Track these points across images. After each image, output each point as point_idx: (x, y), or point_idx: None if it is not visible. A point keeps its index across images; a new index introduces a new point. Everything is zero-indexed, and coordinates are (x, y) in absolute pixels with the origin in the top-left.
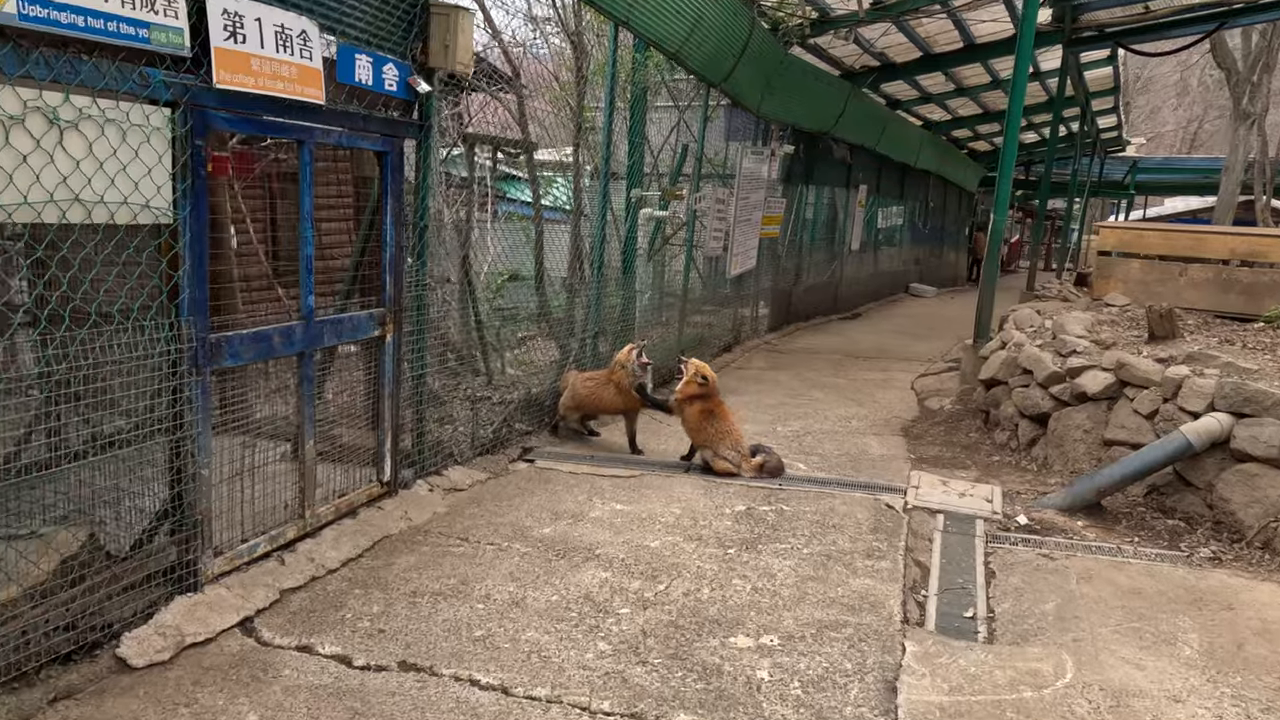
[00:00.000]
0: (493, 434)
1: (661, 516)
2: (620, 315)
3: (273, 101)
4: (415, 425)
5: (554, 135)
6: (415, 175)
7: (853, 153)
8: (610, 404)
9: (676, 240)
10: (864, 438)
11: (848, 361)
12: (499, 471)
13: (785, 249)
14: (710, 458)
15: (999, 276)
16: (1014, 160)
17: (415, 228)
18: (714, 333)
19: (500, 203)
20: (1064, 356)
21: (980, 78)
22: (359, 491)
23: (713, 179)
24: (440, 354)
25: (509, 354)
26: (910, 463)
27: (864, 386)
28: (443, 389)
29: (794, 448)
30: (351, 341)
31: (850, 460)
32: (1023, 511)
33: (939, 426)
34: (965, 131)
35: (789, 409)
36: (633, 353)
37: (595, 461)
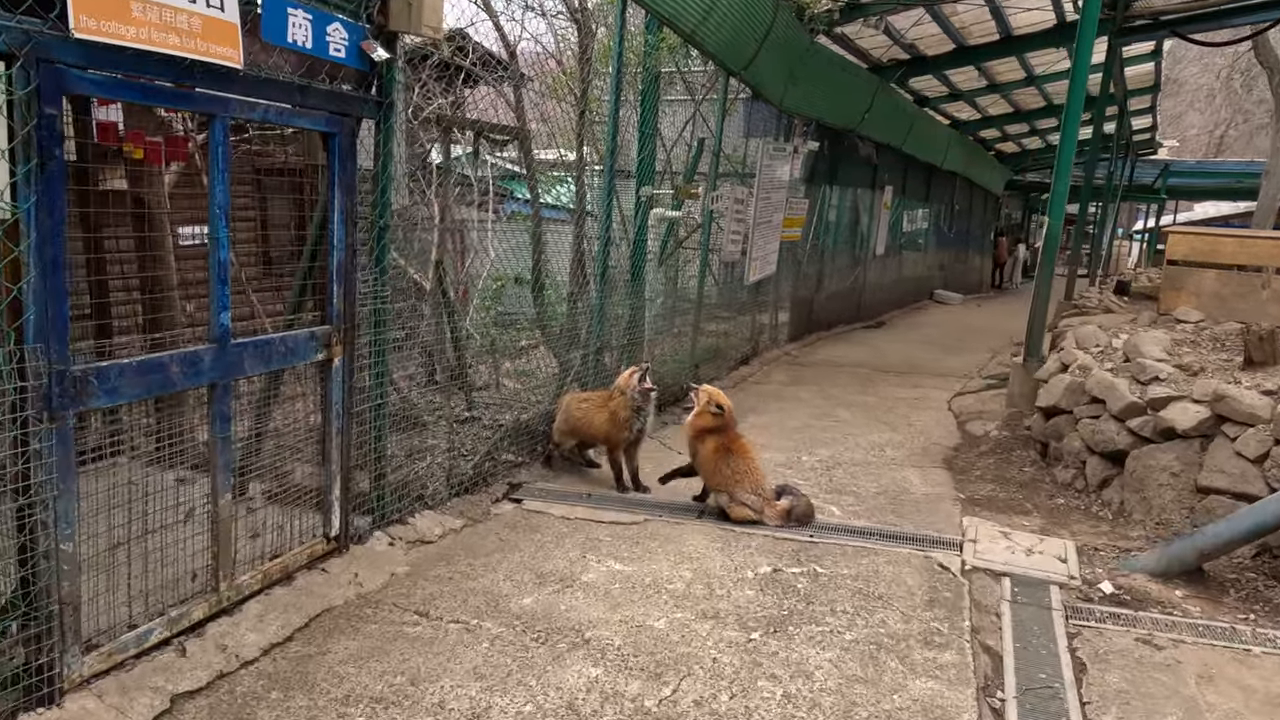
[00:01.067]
0: (473, 469)
1: (669, 582)
2: (628, 326)
3: (166, 62)
4: (374, 465)
5: (555, 125)
6: (375, 164)
7: (878, 152)
8: (601, 433)
9: (691, 243)
10: (902, 470)
11: (876, 376)
12: (478, 516)
13: (807, 253)
14: (727, 503)
15: (1022, 283)
16: (1071, 158)
17: (374, 227)
18: (730, 343)
19: (507, 201)
20: (1143, 384)
21: (1014, 73)
22: (298, 551)
23: (731, 178)
24: (414, 375)
25: (503, 369)
26: (960, 505)
27: (896, 406)
28: (414, 417)
29: (823, 484)
30: (286, 368)
31: (890, 501)
32: (1106, 576)
33: (987, 458)
34: (993, 132)
35: (815, 433)
36: (633, 377)
37: (593, 502)
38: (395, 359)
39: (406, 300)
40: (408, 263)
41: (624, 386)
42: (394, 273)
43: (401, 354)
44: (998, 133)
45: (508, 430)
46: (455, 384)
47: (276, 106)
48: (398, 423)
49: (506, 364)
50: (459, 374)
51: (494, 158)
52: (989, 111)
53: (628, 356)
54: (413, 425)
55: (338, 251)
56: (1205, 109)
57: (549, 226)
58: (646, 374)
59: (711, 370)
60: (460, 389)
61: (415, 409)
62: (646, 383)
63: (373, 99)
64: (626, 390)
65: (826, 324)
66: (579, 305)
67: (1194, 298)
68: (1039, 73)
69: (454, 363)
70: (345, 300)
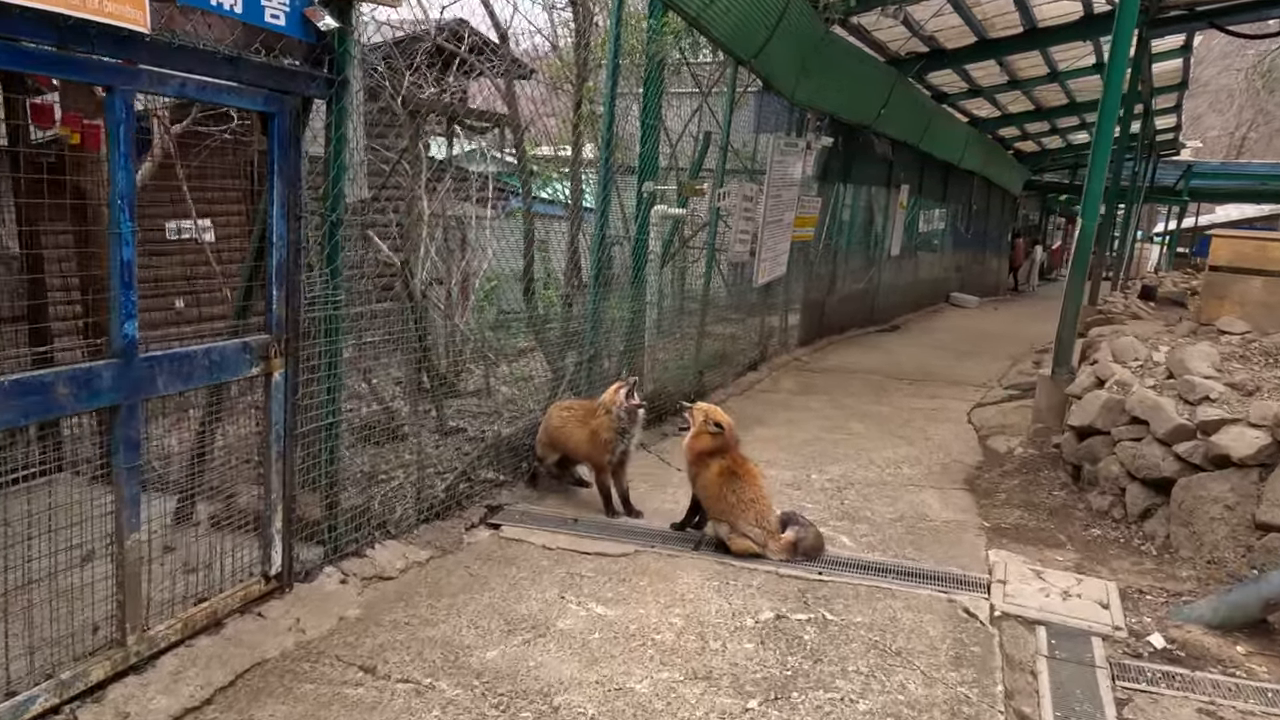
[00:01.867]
0: (445, 491)
1: (657, 630)
2: (628, 331)
3: (43, 20)
4: (326, 490)
5: (557, 117)
6: (326, 150)
7: (895, 149)
8: (582, 451)
9: (696, 243)
10: (921, 492)
11: (890, 384)
12: (449, 546)
13: (819, 254)
14: (727, 534)
15: (1039, 285)
16: (1107, 155)
17: (325, 222)
18: (738, 347)
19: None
20: (1192, 404)
21: (1036, 69)
22: (230, 593)
23: (740, 175)
24: (377, 386)
25: (497, 375)
26: (985, 534)
27: (912, 418)
28: (390, 431)
29: (834, 508)
30: (210, 385)
31: (907, 529)
32: (1156, 627)
33: (1012, 478)
34: (1012, 130)
35: (825, 447)
36: (619, 392)
37: (579, 529)
38: (366, 368)
39: (368, 303)
40: (379, 258)
41: (609, 403)
42: (356, 273)
43: (365, 363)
44: (1017, 131)
45: (489, 446)
46: (428, 395)
47: (198, 80)
48: (369, 438)
49: (503, 368)
50: (433, 384)
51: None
52: (1009, 109)
53: (628, 362)
54: (385, 441)
55: (278, 250)
56: (1225, 110)
57: (552, 225)
58: (634, 389)
59: (717, 377)
60: (432, 400)
61: (383, 424)
62: (634, 399)
63: (322, 76)
64: (611, 407)
65: (839, 327)
66: (574, 308)
67: (1238, 306)
68: (1063, 68)
69: (420, 372)
70: (287, 305)
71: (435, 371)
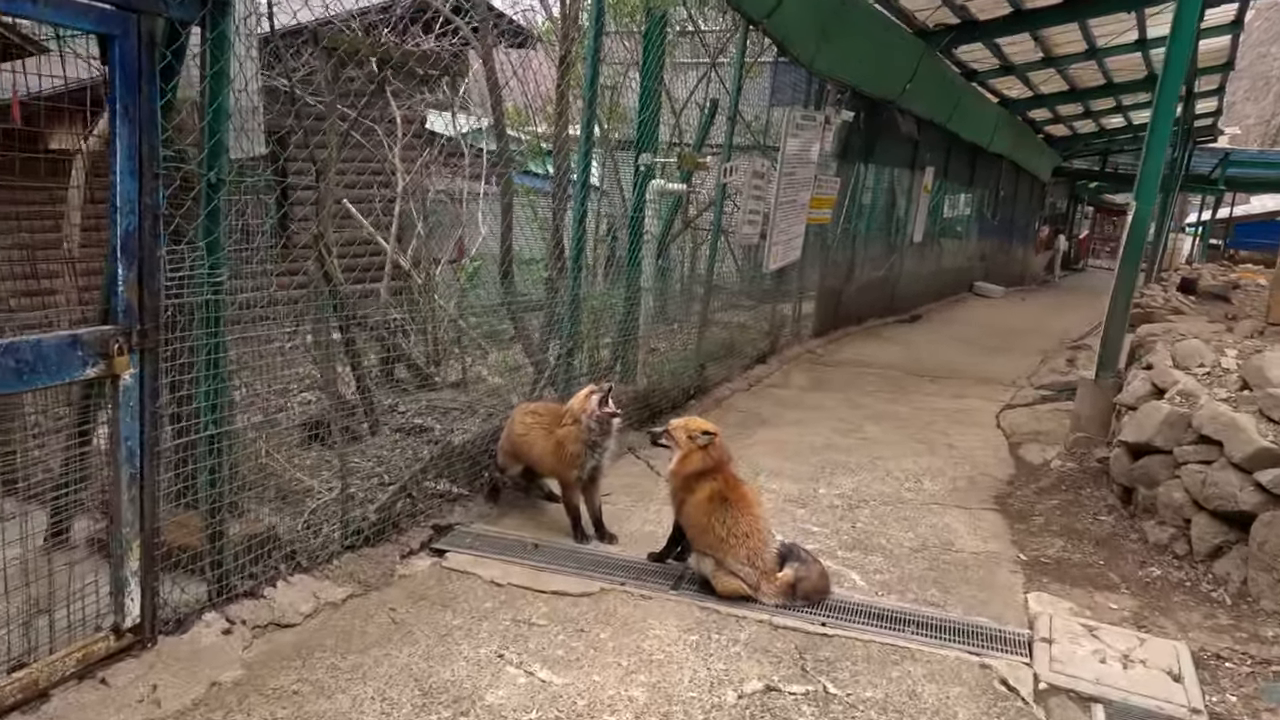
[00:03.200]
0: (379, 512)
1: (613, 708)
2: (623, 319)
3: None
4: (210, 517)
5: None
6: (201, 89)
7: (920, 128)
8: (546, 465)
9: (702, 224)
10: (945, 513)
11: (910, 382)
12: (376, 580)
13: (836, 238)
14: (712, 571)
15: (1062, 275)
16: (1167, 133)
17: (203, 184)
18: (747, 337)
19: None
20: (1277, 424)
21: (1074, 44)
22: (62, 654)
23: (751, 151)
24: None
25: (471, 367)
26: (1021, 570)
27: (934, 420)
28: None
29: (844, 533)
30: (22, 391)
31: (930, 562)
32: (1244, 710)
33: (1050, 497)
34: (1044, 112)
35: (837, 455)
36: (591, 398)
37: (539, 557)
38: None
39: (280, 285)
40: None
41: (577, 410)
42: (260, 247)
43: (274, 360)
44: (1048, 113)
45: (436, 455)
46: (395, 389)
47: None
48: (293, 446)
49: (491, 357)
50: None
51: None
52: (1041, 89)
53: (623, 357)
54: (320, 447)
55: (125, 217)
56: (1261, 98)
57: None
58: (608, 395)
59: (721, 370)
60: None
61: (314, 426)
62: (608, 406)
63: None
64: (580, 416)
65: (856, 317)
66: (559, 293)
67: None
68: (1101, 44)
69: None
70: (141, 289)
71: (410, 361)
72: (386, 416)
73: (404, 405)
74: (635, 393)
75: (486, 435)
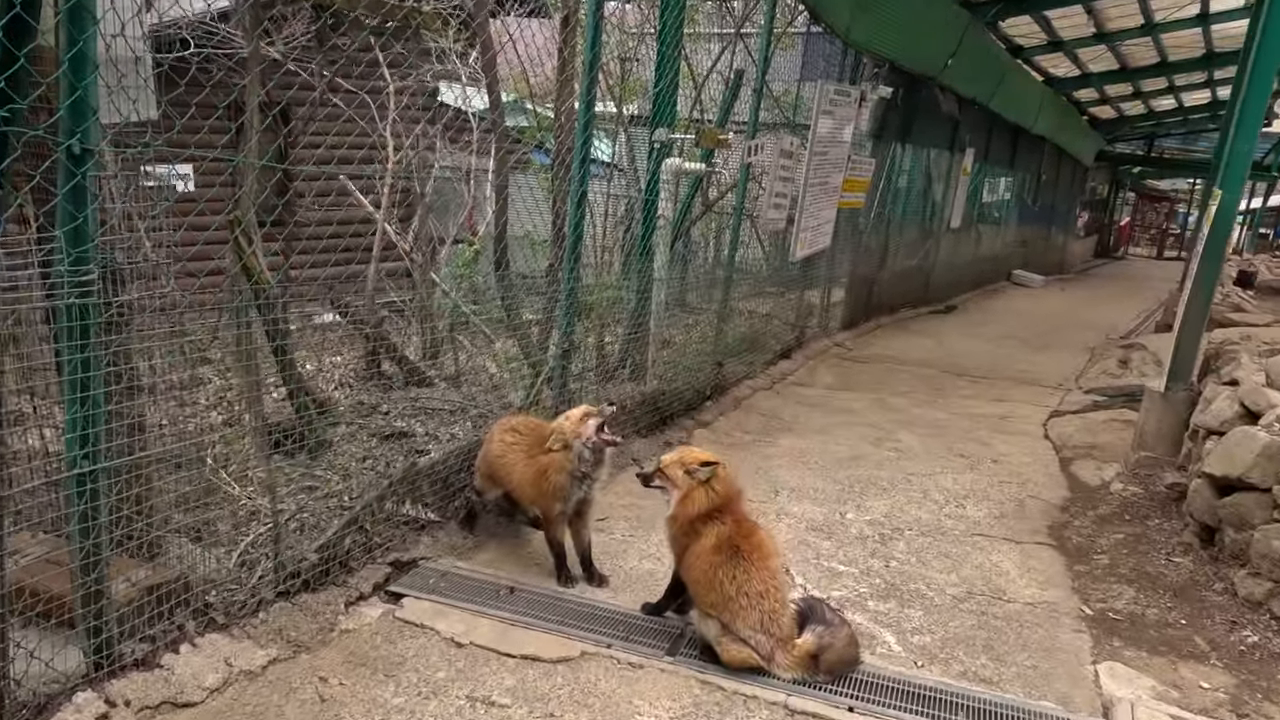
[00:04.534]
0: (318, 553)
1: None
2: (633, 314)
3: None
4: (83, 573)
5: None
6: (56, 31)
7: (961, 107)
8: (526, 495)
9: (722, 208)
10: (992, 548)
11: (947, 381)
12: (309, 638)
13: (869, 223)
14: (717, 636)
15: (1102, 265)
16: (1263, 109)
17: (61, 156)
18: (770, 329)
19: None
20: None
21: (1129, 18)
22: None
23: (779, 129)
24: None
25: (465, 364)
26: (1087, 629)
27: (975, 428)
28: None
29: (876, 574)
30: None
31: (978, 617)
32: None
33: (1113, 529)
34: (1090, 92)
35: (868, 469)
36: (586, 422)
37: (514, 606)
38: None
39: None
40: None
41: (569, 433)
42: (145, 238)
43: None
44: (1095, 94)
45: (402, 476)
46: (380, 387)
47: None
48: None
49: (494, 348)
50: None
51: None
52: (1090, 67)
53: (632, 356)
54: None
55: None
56: None
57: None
58: (609, 421)
59: (741, 366)
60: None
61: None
62: (605, 434)
63: None
64: (572, 440)
65: (888, 307)
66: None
67: None
68: (1159, 19)
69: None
70: None
71: (397, 355)
72: (365, 419)
73: (386, 405)
74: (643, 395)
75: (463, 451)
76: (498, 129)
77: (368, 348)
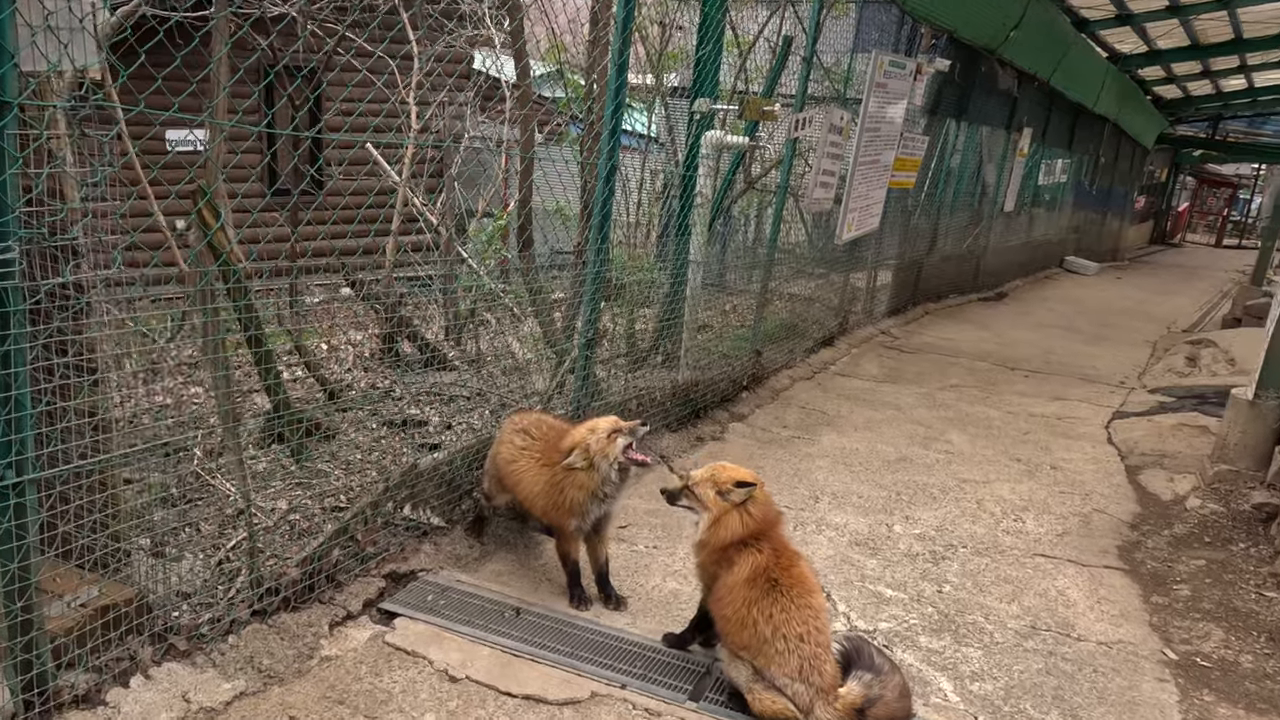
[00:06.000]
0: (300, 568)
1: None
2: (667, 299)
3: None
4: (8, 601)
5: None
6: None
7: (1020, 83)
8: (536, 506)
9: (765, 185)
10: (1057, 572)
11: (1000, 376)
12: (288, 665)
13: (920, 205)
14: (748, 682)
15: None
16: None
17: None
18: (812, 315)
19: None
20: None
21: None
22: None
23: (828, 102)
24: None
25: (480, 346)
26: (1173, 677)
27: (1031, 429)
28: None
29: (928, 601)
30: None
31: (1045, 659)
32: None
33: (1192, 552)
34: (1156, 70)
35: (915, 474)
36: (616, 441)
37: (519, 631)
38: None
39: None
40: None
41: (594, 449)
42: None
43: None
44: (1161, 72)
45: (401, 480)
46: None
47: None
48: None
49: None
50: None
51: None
52: (1158, 44)
53: (665, 342)
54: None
55: None
56: None
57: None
58: (636, 442)
59: (780, 354)
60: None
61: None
62: (634, 453)
63: None
64: (596, 458)
65: (936, 293)
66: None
67: None
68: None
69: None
70: None
71: (415, 335)
72: (376, 405)
73: (399, 389)
74: (674, 385)
75: (471, 449)
76: (523, 93)
77: (383, 327)
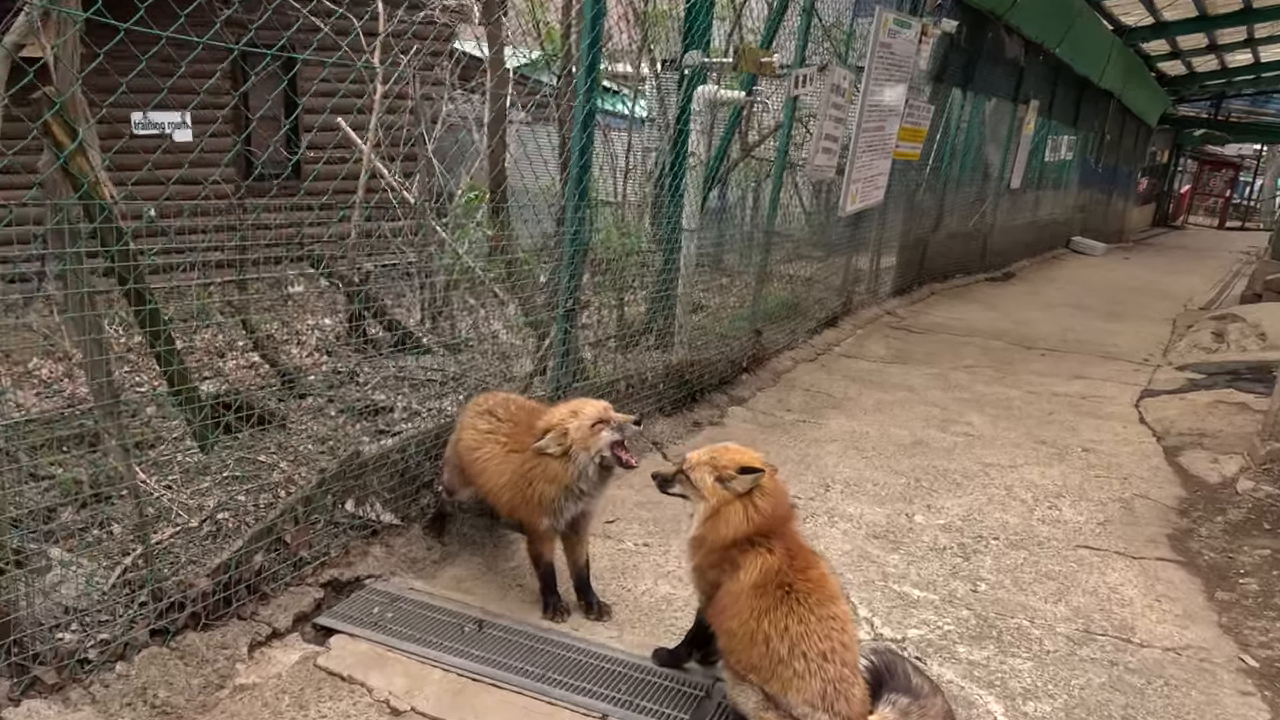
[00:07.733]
0: (210, 578)
1: None
2: (661, 272)
3: None
4: None
5: None
6: None
7: (1026, 52)
8: (501, 498)
9: (763, 153)
10: (1105, 566)
11: (1015, 355)
12: (191, 698)
13: (925, 180)
14: (757, 710)
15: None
16: None
17: None
18: (814, 295)
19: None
20: None
21: None
22: None
23: (829, 65)
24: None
25: (453, 326)
26: (1257, 688)
27: (1055, 408)
28: None
29: (961, 602)
30: None
31: (1106, 672)
32: None
33: (1252, 539)
34: (1161, 45)
35: (934, 458)
36: (600, 433)
37: (480, 649)
38: None
39: None
40: None
41: (575, 440)
42: None
43: None
44: (1166, 46)
45: (340, 470)
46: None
47: None
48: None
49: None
50: (171, 374)
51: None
52: (1165, 15)
53: (658, 320)
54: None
55: None
56: None
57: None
58: (626, 439)
59: (782, 335)
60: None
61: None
62: (622, 452)
63: None
64: (574, 448)
65: (942, 273)
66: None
67: None
68: None
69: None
70: None
71: (383, 313)
72: (335, 391)
73: (364, 374)
74: (668, 365)
75: (429, 436)
76: (496, 69)
77: (350, 308)
